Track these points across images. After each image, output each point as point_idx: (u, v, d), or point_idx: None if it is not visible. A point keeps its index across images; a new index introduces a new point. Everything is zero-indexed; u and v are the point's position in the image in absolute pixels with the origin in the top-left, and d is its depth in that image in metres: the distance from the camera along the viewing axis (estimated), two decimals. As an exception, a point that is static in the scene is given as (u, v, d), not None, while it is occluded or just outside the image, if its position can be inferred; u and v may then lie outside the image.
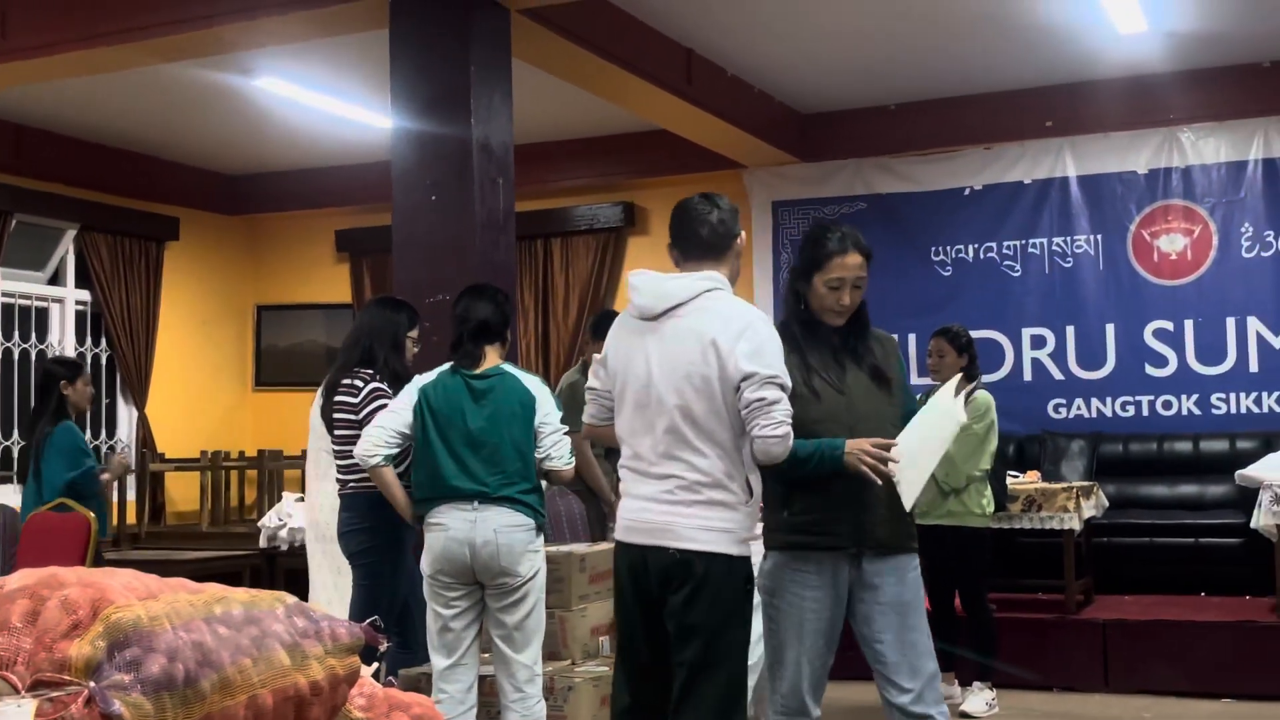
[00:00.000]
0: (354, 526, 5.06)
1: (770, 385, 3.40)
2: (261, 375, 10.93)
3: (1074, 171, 8.73)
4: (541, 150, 9.39)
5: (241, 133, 9.26)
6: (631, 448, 3.56)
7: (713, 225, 3.59)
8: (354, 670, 2.37)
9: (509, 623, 4.46)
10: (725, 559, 3.44)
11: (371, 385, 4.98)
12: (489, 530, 4.40)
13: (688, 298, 3.51)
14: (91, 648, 1.75)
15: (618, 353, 3.62)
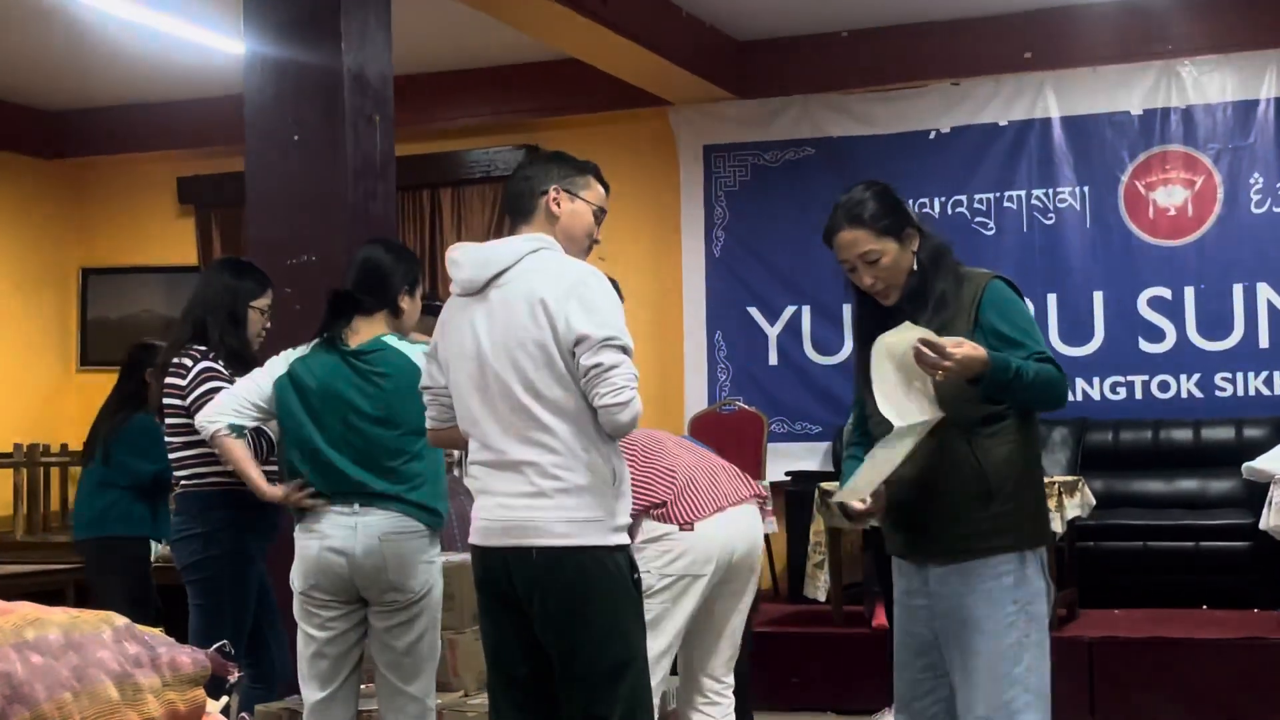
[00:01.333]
0: (185, 532, 5.03)
1: (607, 348, 3.51)
2: (88, 352, 10.78)
3: (1057, 112, 8.82)
4: (427, 82, 9.33)
5: (61, 60, 9.11)
6: (477, 439, 3.65)
7: (514, 183, 3.83)
8: (198, 706, 2.34)
9: (398, 647, 4.43)
10: (601, 552, 3.55)
11: (202, 364, 4.95)
12: (372, 537, 4.36)
13: (512, 261, 3.66)
14: None
15: (445, 339, 3.75)
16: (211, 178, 10.22)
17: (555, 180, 3.77)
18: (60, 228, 10.75)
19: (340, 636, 4.45)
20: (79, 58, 9.03)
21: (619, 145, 9.37)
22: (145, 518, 6.32)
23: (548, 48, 8.55)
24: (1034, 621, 3.59)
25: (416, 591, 4.42)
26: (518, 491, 3.57)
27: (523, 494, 3.56)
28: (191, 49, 8.46)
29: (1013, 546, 3.59)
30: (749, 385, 9.19)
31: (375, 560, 4.36)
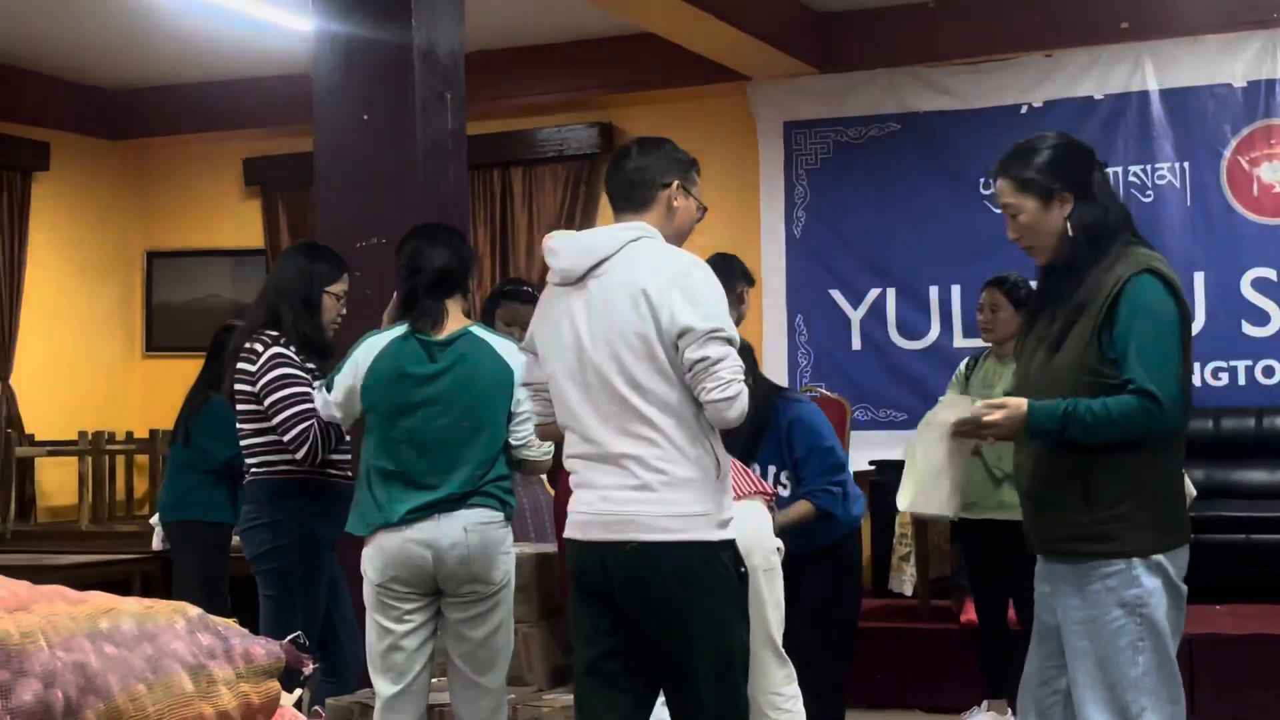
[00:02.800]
0: (254, 521, 5.08)
1: (712, 341, 3.56)
2: (153, 338, 10.91)
3: (1155, 85, 8.72)
4: (499, 59, 9.35)
5: (126, 38, 9.21)
6: (576, 432, 3.71)
7: (628, 173, 3.83)
8: (272, 698, 2.38)
9: (474, 638, 4.48)
10: (704, 548, 3.59)
11: (272, 350, 4.98)
12: (457, 529, 4.41)
13: (613, 250, 3.71)
14: (-52, 671, 1.76)
15: (542, 331, 3.82)
16: (278, 158, 10.30)
17: (677, 175, 3.84)
18: (124, 210, 10.87)
19: (417, 630, 4.50)
20: (143, 36, 9.13)
21: (695, 123, 9.35)
22: (224, 503, 6.41)
23: (622, 22, 8.55)
24: (1146, 625, 3.59)
25: (497, 582, 4.47)
26: (620, 485, 3.61)
27: (625, 487, 3.60)
28: (258, 27, 8.52)
29: (1118, 553, 3.59)
30: (831, 371, 9.17)
31: (461, 552, 4.41)
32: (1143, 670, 3.58)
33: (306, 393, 4.90)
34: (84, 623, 2.03)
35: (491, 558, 4.45)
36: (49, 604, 2.01)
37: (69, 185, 10.43)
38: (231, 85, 10.17)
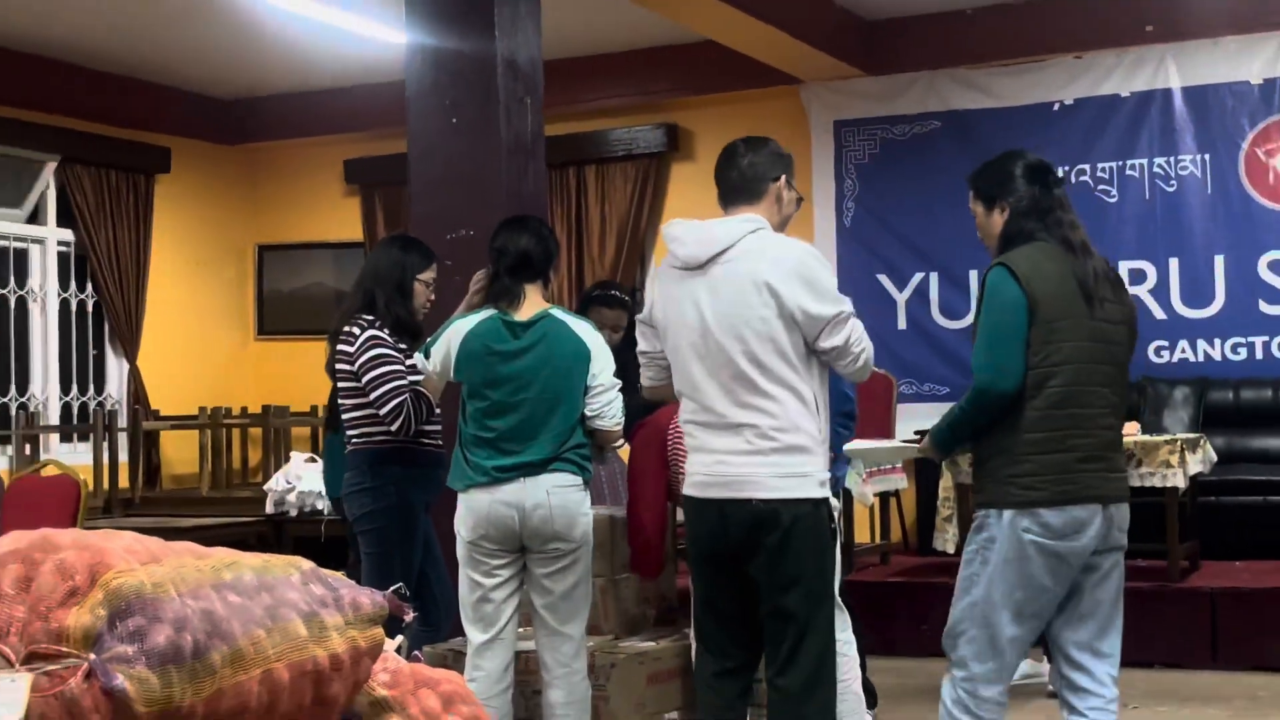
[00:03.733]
0: (356, 487, 5.11)
1: (838, 327, 3.76)
2: (265, 323, 11.01)
3: (1178, 83, 8.61)
4: (573, 66, 9.35)
5: (238, 51, 9.28)
6: (696, 401, 3.86)
7: (741, 169, 3.92)
8: (377, 643, 2.40)
9: (556, 591, 4.50)
10: (811, 504, 3.77)
11: (368, 333, 5.01)
12: (540, 492, 4.44)
13: (733, 241, 3.82)
14: (91, 616, 1.79)
15: (664, 308, 3.94)
16: (375, 159, 10.35)
17: (782, 170, 3.97)
18: (237, 207, 10.96)
19: (505, 583, 4.54)
20: (254, 50, 9.20)
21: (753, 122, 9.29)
22: None
23: (686, 30, 8.53)
24: (989, 565, 3.76)
25: (577, 540, 4.50)
26: (736, 450, 3.77)
27: (741, 452, 3.77)
28: (357, 40, 8.57)
29: (985, 504, 3.81)
30: (878, 349, 8.84)
31: (543, 512, 4.44)
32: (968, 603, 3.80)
33: (400, 370, 4.93)
34: (209, 574, 2.05)
35: (571, 518, 4.48)
36: (178, 558, 2.04)
37: (188, 186, 10.52)
38: (333, 94, 10.23)
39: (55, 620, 1.78)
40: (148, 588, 1.86)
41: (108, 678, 1.75)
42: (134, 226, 9.98)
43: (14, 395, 9.40)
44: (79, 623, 1.78)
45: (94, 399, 9.93)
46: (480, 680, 4.44)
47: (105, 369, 10.09)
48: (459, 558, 4.58)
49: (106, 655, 1.78)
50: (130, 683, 1.77)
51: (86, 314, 9.94)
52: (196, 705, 1.88)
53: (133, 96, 9.87)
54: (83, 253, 9.77)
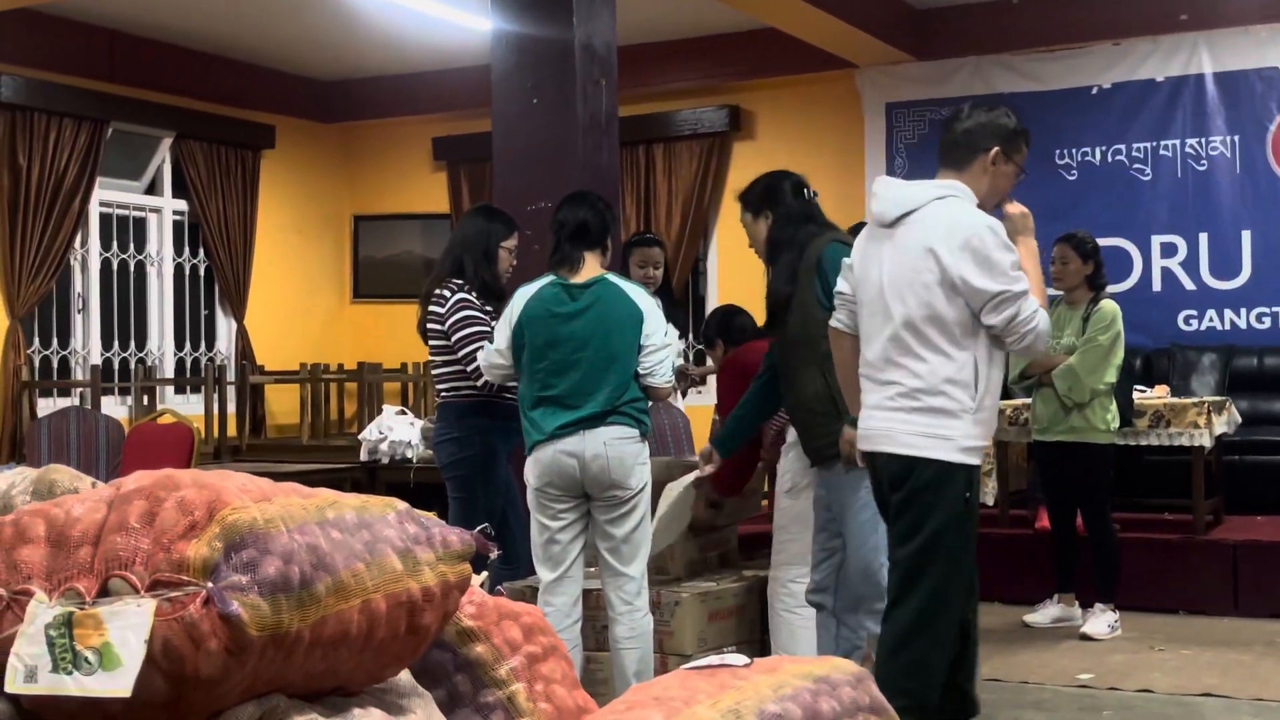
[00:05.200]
0: (444, 437, 5.17)
1: (1004, 304, 3.57)
2: (359, 287, 11.08)
3: (1210, 68, 8.46)
4: (643, 52, 9.31)
5: (337, 37, 9.32)
6: (864, 354, 3.80)
7: (955, 134, 3.75)
8: (465, 578, 2.41)
9: (617, 535, 4.52)
10: (942, 466, 3.60)
11: (457, 296, 5.06)
12: (599, 443, 4.45)
13: (920, 204, 3.67)
14: (209, 549, 1.81)
15: (860, 259, 3.83)
16: (461, 137, 10.37)
17: (998, 141, 3.74)
18: (335, 181, 11.03)
19: (569, 526, 4.56)
20: (351, 36, 9.23)
21: (810, 104, 9.28)
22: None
23: (749, 18, 8.47)
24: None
25: (634, 488, 4.50)
26: (881, 405, 3.70)
27: (885, 408, 3.69)
28: (446, 27, 8.58)
29: None
30: None
31: (601, 462, 4.45)
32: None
33: (486, 331, 4.96)
34: (314, 512, 2.07)
35: (628, 467, 4.48)
36: (286, 497, 2.06)
37: (290, 160, 10.59)
38: (423, 76, 10.25)
39: (176, 552, 1.81)
40: (260, 523, 1.88)
41: (224, 604, 1.78)
42: (241, 197, 10.06)
43: (133, 351, 9.53)
44: (198, 554, 1.80)
45: (205, 355, 10.04)
46: (551, 614, 4.47)
47: (215, 328, 10.20)
48: (529, 503, 4.62)
49: (222, 584, 1.80)
50: (244, 609, 1.79)
51: (199, 277, 10.05)
52: (303, 631, 1.90)
53: (241, 79, 9.94)
54: (195, 221, 9.87)
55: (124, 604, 1.77)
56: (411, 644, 2.25)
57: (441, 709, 2.41)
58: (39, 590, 1.81)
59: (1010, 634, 6.33)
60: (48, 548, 1.85)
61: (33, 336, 8.79)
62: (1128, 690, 5.29)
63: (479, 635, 2.63)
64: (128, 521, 1.84)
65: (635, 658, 4.53)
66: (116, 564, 1.80)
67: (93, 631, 1.76)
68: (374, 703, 2.18)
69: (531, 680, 2.70)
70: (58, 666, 1.76)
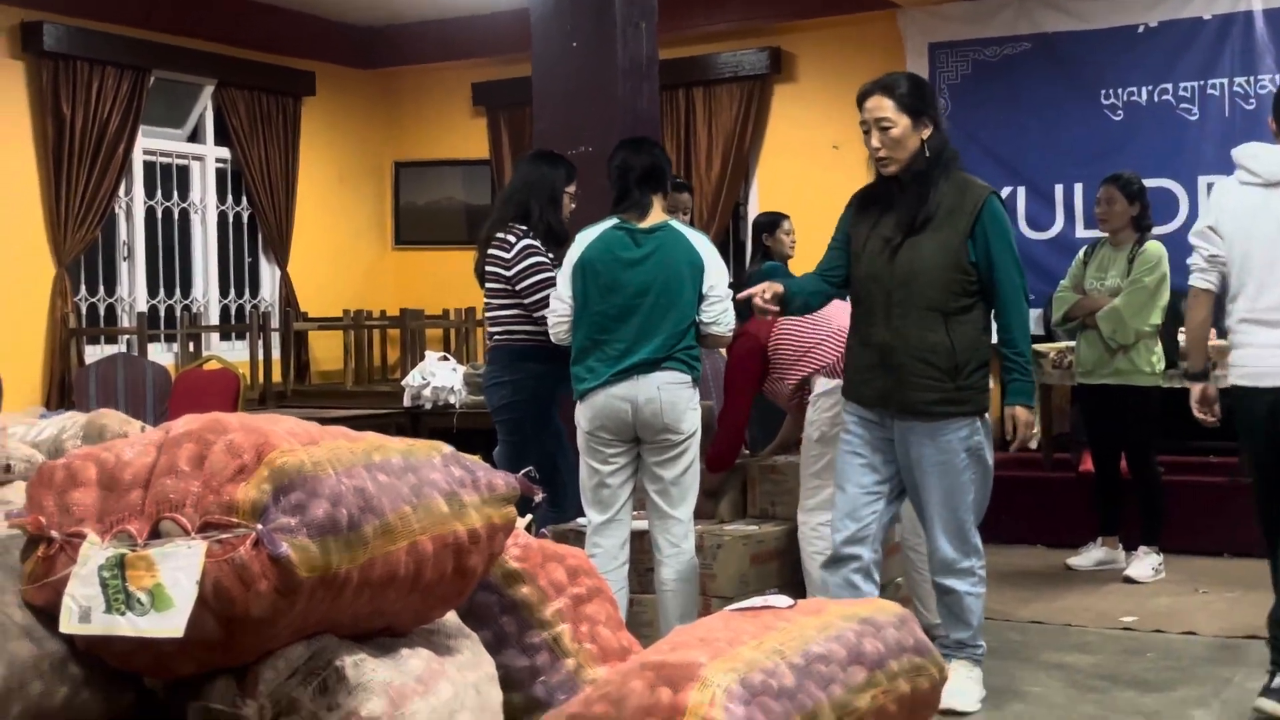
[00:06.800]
0: (496, 381, 5.19)
1: None
2: (401, 233, 11.09)
3: (1259, 5, 8.28)
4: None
5: (375, -18, 9.28)
6: (1253, 300, 4.13)
7: None
8: (510, 520, 2.43)
9: (666, 478, 4.54)
10: None
11: (524, 242, 5.07)
12: (652, 387, 4.46)
13: None
14: (257, 491, 1.82)
15: (1236, 218, 4.16)
16: (501, 82, 10.31)
17: None
18: (375, 128, 11.01)
19: (620, 470, 4.57)
20: (389, -19, 9.18)
21: (852, 45, 9.16)
22: None
23: (790, -41, 8.37)
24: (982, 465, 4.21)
25: (685, 432, 4.51)
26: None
27: None
28: (483, -30, 8.51)
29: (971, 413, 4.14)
30: None
31: (654, 406, 4.46)
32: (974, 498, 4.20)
33: (553, 278, 4.96)
34: (361, 456, 2.08)
35: (680, 412, 4.49)
36: (333, 440, 2.07)
37: (331, 107, 10.58)
38: (462, 22, 10.20)
39: (226, 494, 1.82)
40: (308, 466, 1.89)
41: (273, 546, 1.79)
42: (283, 145, 10.07)
43: (179, 298, 9.59)
44: (247, 496, 1.82)
45: (249, 302, 10.09)
46: (599, 556, 4.49)
47: (259, 275, 10.25)
48: (579, 447, 4.63)
49: (272, 526, 1.82)
50: (293, 551, 1.81)
51: (242, 225, 10.08)
52: (352, 572, 1.92)
53: (282, 25, 9.92)
54: (238, 169, 9.89)
55: (175, 546, 1.79)
56: (458, 585, 2.27)
57: (488, 649, 2.44)
58: (91, 532, 1.83)
59: (1053, 577, 6.33)
60: (99, 491, 1.87)
61: (79, 284, 8.86)
62: (1172, 633, 5.28)
63: (525, 577, 2.65)
64: (177, 464, 1.85)
65: (680, 600, 4.55)
66: (167, 506, 1.82)
67: (145, 573, 1.78)
68: (422, 643, 2.20)
69: (576, 621, 2.72)
70: (111, 607, 1.78)
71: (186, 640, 1.78)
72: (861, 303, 4.28)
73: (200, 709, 1.92)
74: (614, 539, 4.57)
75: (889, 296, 4.17)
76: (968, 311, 4.13)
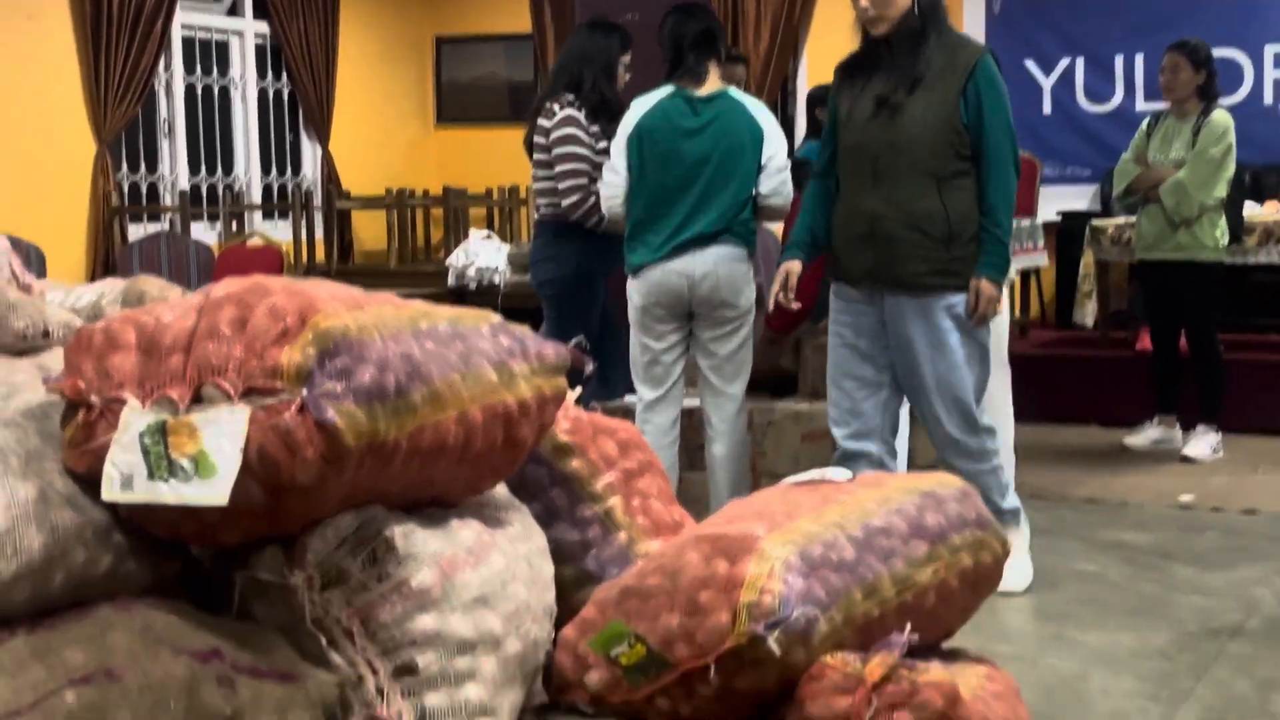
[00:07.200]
0: (541, 255, 5.12)
1: None
2: (443, 111, 10.96)
3: None
4: None
5: None
6: None
7: None
8: (560, 391, 2.37)
9: (721, 353, 4.47)
10: None
11: (566, 112, 4.95)
12: (709, 262, 4.37)
13: None
14: (302, 355, 1.76)
15: None
16: (545, -48, 10.10)
17: None
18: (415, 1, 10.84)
19: (673, 347, 4.51)
20: None
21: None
22: None
23: None
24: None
25: (741, 307, 4.44)
26: None
27: None
28: None
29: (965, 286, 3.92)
30: (1023, 132, 8.63)
31: (711, 280, 4.38)
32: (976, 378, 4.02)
33: (586, 156, 4.86)
34: (407, 322, 2.02)
35: (737, 286, 4.41)
36: (379, 306, 2.01)
37: (371, -19, 10.42)
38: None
39: (269, 358, 1.76)
40: (353, 330, 1.83)
41: (319, 411, 1.74)
42: (323, 20, 9.92)
43: (220, 176, 9.54)
44: (291, 360, 1.76)
45: (291, 180, 10.04)
46: (650, 432, 4.46)
47: (301, 153, 10.18)
48: (631, 323, 4.56)
49: (317, 391, 1.76)
50: (340, 417, 1.75)
51: (283, 102, 9.99)
52: (400, 440, 1.86)
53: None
54: (277, 44, 9.77)
55: (218, 411, 1.74)
56: (508, 457, 2.21)
57: (539, 522, 2.39)
58: (131, 398, 1.78)
59: (1109, 456, 6.26)
60: (138, 355, 1.81)
61: (120, 162, 8.82)
62: (1231, 511, 5.21)
63: (575, 450, 2.59)
64: (219, 328, 1.79)
65: (731, 477, 4.51)
66: (209, 371, 1.76)
67: (187, 439, 1.73)
68: (472, 515, 2.16)
69: (628, 495, 2.67)
70: (154, 474, 1.73)
71: (231, 509, 1.73)
72: (849, 172, 4.04)
73: (247, 578, 1.88)
74: (665, 416, 4.52)
75: (877, 162, 3.94)
76: (963, 176, 3.91)
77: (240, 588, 1.89)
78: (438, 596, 1.91)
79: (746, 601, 2.05)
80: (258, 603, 1.91)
